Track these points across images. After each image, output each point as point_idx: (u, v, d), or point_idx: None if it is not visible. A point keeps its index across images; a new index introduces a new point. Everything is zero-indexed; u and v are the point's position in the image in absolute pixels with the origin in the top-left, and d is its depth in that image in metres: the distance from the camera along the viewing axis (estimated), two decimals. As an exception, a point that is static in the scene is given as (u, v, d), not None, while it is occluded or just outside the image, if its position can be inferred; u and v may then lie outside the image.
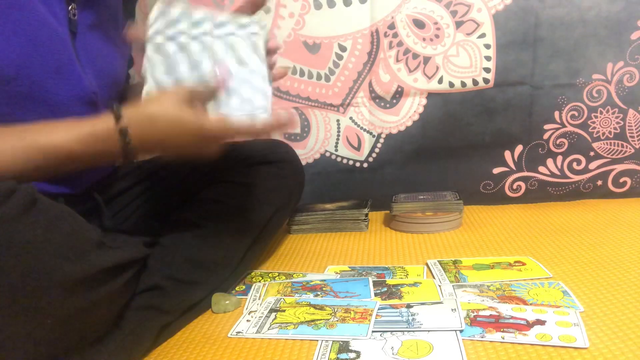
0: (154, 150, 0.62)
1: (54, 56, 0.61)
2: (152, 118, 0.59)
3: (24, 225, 0.45)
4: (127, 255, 0.59)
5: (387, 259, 0.92)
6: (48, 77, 0.60)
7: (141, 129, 0.59)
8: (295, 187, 0.96)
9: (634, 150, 1.17)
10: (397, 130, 1.22)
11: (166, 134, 0.60)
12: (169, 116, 0.59)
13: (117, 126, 0.57)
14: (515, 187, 1.23)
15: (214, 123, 0.62)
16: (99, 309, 0.54)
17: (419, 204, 1.10)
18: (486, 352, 0.56)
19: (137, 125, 0.58)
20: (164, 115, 0.59)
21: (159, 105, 0.60)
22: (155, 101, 0.61)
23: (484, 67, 1.16)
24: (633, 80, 1.13)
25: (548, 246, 0.91)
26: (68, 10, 0.64)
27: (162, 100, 0.61)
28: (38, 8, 0.59)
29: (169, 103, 0.60)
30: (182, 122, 0.60)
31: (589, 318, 0.62)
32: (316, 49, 1.20)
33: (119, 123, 0.57)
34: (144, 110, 0.60)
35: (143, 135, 0.59)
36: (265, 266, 0.93)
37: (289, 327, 0.65)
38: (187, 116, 0.60)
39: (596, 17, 1.10)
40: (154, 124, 0.59)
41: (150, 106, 0.60)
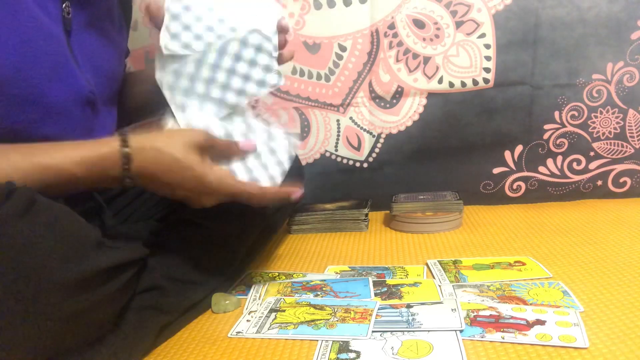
0: (152, 184, 0.62)
1: (49, 56, 0.60)
2: (157, 153, 0.60)
3: (23, 225, 0.45)
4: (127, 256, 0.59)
5: (387, 259, 0.92)
6: (44, 77, 0.60)
7: (144, 161, 0.59)
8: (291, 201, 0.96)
9: (634, 150, 1.17)
10: (397, 130, 1.22)
11: (166, 173, 0.60)
12: (174, 156, 0.60)
13: (121, 151, 0.58)
14: (515, 187, 1.23)
15: (216, 178, 0.63)
16: (98, 309, 0.53)
17: (419, 204, 1.10)
18: (486, 352, 0.56)
19: (141, 156, 0.59)
20: (170, 154, 0.60)
21: (169, 142, 0.61)
22: (165, 137, 0.62)
23: (484, 67, 1.16)
24: (633, 80, 1.13)
25: (548, 246, 0.91)
26: (62, 9, 0.64)
27: (173, 139, 0.61)
28: (31, 7, 0.59)
29: (179, 144, 0.61)
30: (184, 166, 0.60)
31: (589, 318, 0.62)
32: (316, 49, 1.20)
33: (123, 149, 0.58)
34: (152, 143, 0.60)
35: (144, 167, 0.59)
36: (265, 266, 0.93)
37: (289, 327, 0.65)
38: (192, 163, 0.61)
39: (596, 17, 1.10)
40: (157, 159, 0.60)
41: (159, 141, 0.61)
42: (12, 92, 0.57)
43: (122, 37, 0.80)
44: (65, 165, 0.55)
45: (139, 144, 0.59)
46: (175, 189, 0.63)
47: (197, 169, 0.61)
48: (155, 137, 0.61)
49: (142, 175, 0.59)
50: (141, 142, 0.59)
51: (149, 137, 0.61)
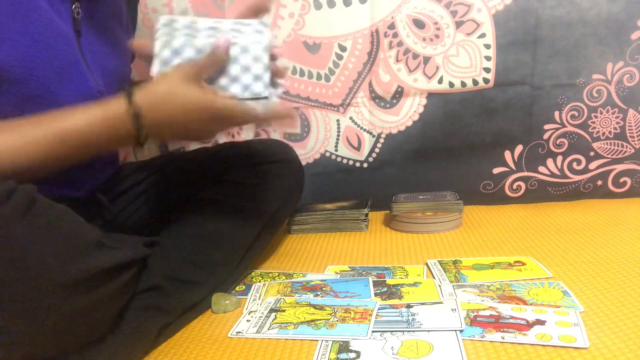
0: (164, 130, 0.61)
1: (60, 56, 0.61)
2: (161, 97, 0.59)
3: (23, 225, 0.45)
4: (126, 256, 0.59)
5: (387, 259, 0.92)
6: (54, 77, 0.60)
7: (153, 109, 0.59)
8: (295, 187, 0.96)
9: (634, 150, 1.17)
10: (397, 130, 1.23)
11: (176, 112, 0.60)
12: (178, 94, 0.60)
13: (130, 107, 0.57)
14: (515, 187, 1.23)
15: (224, 101, 0.62)
16: (98, 309, 0.54)
17: (419, 204, 1.10)
18: (486, 352, 0.56)
19: (149, 106, 0.58)
20: (174, 94, 0.60)
21: (167, 84, 0.60)
22: (162, 81, 0.61)
23: (484, 67, 1.16)
24: (633, 80, 1.13)
25: (548, 246, 0.91)
26: (72, 9, 0.64)
27: (169, 80, 0.61)
28: (43, 8, 0.59)
29: (176, 81, 0.60)
30: (191, 99, 0.60)
31: (589, 318, 0.62)
32: (316, 49, 1.20)
33: (131, 104, 0.57)
34: (154, 90, 0.60)
35: (155, 115, 0.59)
36: (265, 266, 0.93)
37: (289, 327, 0.65)
38: (196, 94, 0.60)
39: (596, 17, 1.10)
40: (164, 103, 0.59)
41: (159, 86, 0.60)
42: (22, 91, 0.57)
43: (129, 38, 0.81)
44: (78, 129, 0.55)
45: (143, 98, 0.58)
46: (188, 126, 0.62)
47: (203, 97, 0.61)
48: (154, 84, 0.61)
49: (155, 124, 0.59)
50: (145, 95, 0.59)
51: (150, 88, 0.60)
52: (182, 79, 0.60)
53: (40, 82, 0.59)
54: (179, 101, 0.60)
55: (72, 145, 0.55)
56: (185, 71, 0.61)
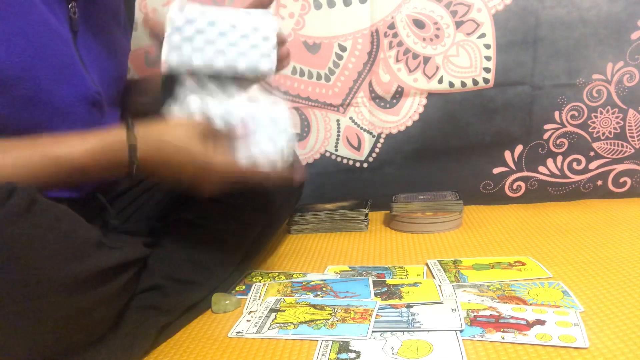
0: (156, 172, 0.63)
1: (56, 57, 0.61)
2: (161, 142, 0.60)
3: (24, 226, 0.45)
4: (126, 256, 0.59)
5: (387, 259, 0.92)
6: (51, 78, 0.60)
7: (148, 150, 0.59)
8: (295, 187, 0.96)
9: (634, 150, 1.17)
10: (397, 130, 1.22)
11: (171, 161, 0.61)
12: (178, 145, 0.61)
13: (127, 142, 0.58)
14: (515, 187, 1.23)
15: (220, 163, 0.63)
16: (98, 309, 0.54)
17: (419, 204, 1.10)
18: (486, 352, 0.56)
19: (146, 145, 0.59)
20: (175, 144, 0.61)
21: (173, 132, 0.61)
22: (169, 127, 0.62)
23: (484, 67, 1.16)
24: (633, 80, 1.13)
25: (548, 246, 0.91)
26: (68, 9, 0.64)
27: (176, 129, 0.62)
28: (39, 8, 0.59)
29: (182, 133, 0.61)
30: (189, 153, 0.61)
31: (589, 318, 0.62)
32: (316, 49, 1.20)
33: (129, 139, 0.58)
34: (156, 132, 0.61)
35: (149, 156, 0.60)
36: (265, 266, 0.93)
37: (289, 327, 0.65)
38: (196, 150, 0.61)
39: (596, 17, 1.10)
40: (161, 148, 0.60)
41: (162, 130, 0.61)
42: (19, 92, 0.57)
43: (126, 38, 0.81)
44: (73, 156, 0.56)
45: (143, 133, 0.59)
46: (181, 176, 0.63)
47: (200, 155, 0.61)
48: (159, 127, 0.62)
49: (147, 163, 0.60)
50: (146, 131, 0.60)
51: (153, 128, 0.61)
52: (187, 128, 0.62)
53: (36, 83, 0.58)
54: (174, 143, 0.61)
55: (65, 171, 0.56)
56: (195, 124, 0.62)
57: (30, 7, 0.58)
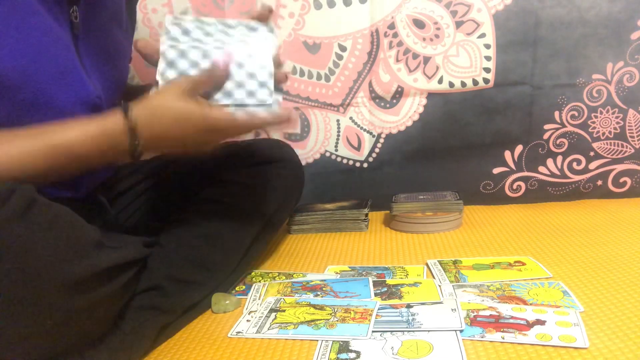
0: (160, 145, 0.62)
1: (58, 61, 0.60)
2: (157, 112, 0.60)
3: (23, 226, 0.45)
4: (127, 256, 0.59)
5: (387, 259, 0.92)
6: (52, 83, 0.60)
7: (148, 124, 0.59)
8: (295, 187, 0.96)
9: (634, 150, 1.17)
10: (397, 130, 1.22)
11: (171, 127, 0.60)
12: (173, 109, 0.60)
13: (126, 122, 0.58)
14: (515, 187, 1.23)
15: (218, 114, 0.62)
16: (99, 309, 0.54)
17: (419, 204, 1.10)
18: (486, 352, 0.56)
19: (144, 121, 0.59)
20: (169, 108, 0.60)
21: (163, 98, 0.61)
22: (158, 95, 0.61)
23: (484, 67, 1.16)
24: (633, 80, 1.13)
25: (548, 246, 0.91)
26: (70, 13, 0.64)
27: (165, 94, 0.61)
28: (40, 12, 0.59)
29: (172, 96, 0.60)
30: (186, 113, 0.60)
31: (589, 318, 0.62)
32: (316, 49, 1.20)
33: (127, 119, 0.58)
34: (149, 104, 0.60)
35: (150, 130, 0.59)
36: (265, 266, 0.93)
37: (289, 327, 0.65)
38: (191, 108, 0.60)
39: (596, 17, 1.10)
40: (159, 118, 0.60)
41: (154, 100, 0.61)
42: (20, 97, 0.57)
43: (128, 41, 0.81)
44: (74, 143, 0.56)
45: (139, 112, 0.59)
46: (184, 140, 0.62)
47: (198, 111, 0.61)
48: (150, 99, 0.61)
49: (150, 138, 0.59)
50: (141, 109, 0.59)
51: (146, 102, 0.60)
52: (177, 93, 0.61)
53: (37, 87, 0.58)
54: (174, 114, 0.60)
55: (67, 158, 0.56)
56: (181, 86, 0.62)
57: (31, 11, 0.58)
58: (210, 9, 1.20)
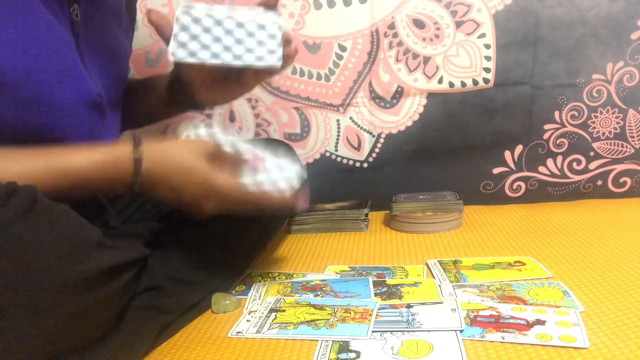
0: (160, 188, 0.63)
1: (58, 59, 0.60)
2: (167, 159, 0.61)
3: (25, 226, 0.45)
4: (127, 256, 0.59)
5: (387, 259, 0.92)
6: (53, 81, 0.60)
7: (153, 165, 0.60)
8: None
9: (634, 150, 1.17)
10: (397, 130, 1.23)
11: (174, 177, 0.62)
12: (183, 158, 0.61)
13: (132, 156, 0.59)
14: (515, 187, 1.23)
15: (224, 184, 0.63)
16: (99, 309, 0.54)
17: (419, 204, 1.10)
18: (486, 352, 0.56)
19: (150, 160, 0.60)
20: (180, 162, 0.61)
21: (180, 150, 0.62)
22: (176, 144, 0.63)
23: (484, 67, 1.16)
24: (633, 80, 1.13)
25: (548, 246, 0.91)
26: (70, 12, 0.64)
27: (183, 146, 0.63)
28: (40, 10, 0.59)
29: (189, 152, 0.62)
30: (193, 167, 0.62)
31: (589, 318, 0.62)
32: (316, 49, 1.20)
33: (135, 153, 0.59)
34: (163, 149, 0.61)
35: (153, 171, 0.60)
36: (265, 266, 0.93)
37: (289, 327, 0.65)
38: (200, 165, 0.62)
39: (596, 17, 1.10)
40: (166, 165, 0.61)
41: (169, 147, 0.62)
42: (21, 95, 0.57)
43: (128, 40, 0.81)
44: (79, 168, 0.56)
45: (149, 148, 0.60)
46: (183, 194, 0.63)
47: (205, 174, 0.62)
48: (166, 143, 0.63)
49: (151, 179, 0.60)
50: (152, 147, 0.60)
51: (159, 143, 0.62)
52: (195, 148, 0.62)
53: (39, 85, 0.58)
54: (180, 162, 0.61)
55: (69, 183, 0.56)
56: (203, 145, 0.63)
57: (32, 10, 0.58)
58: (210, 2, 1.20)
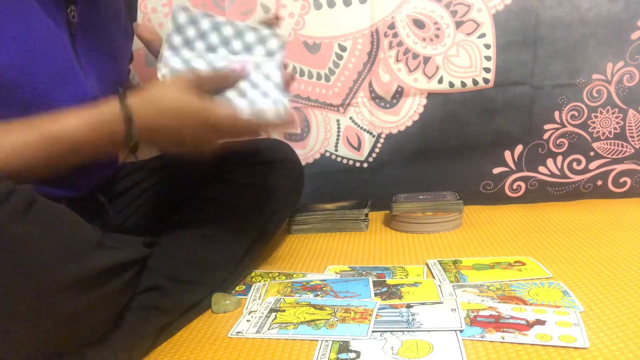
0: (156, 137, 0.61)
1: (55, 60, 0.60)
2: (155, 101, 0.59)
3: (23, 225, 0.45)
4: (126, 256, 0.59)
5: (387, 259, 0.92)
6: (50, 82, 0.60)
7: (145, 113, 0.58)
8: (295, 187, 0.96)
9: (634, 150, 1.17)
10: (397, 130, 1.22)
11: (169, 119, 0.59)
12: (171, 99, 0.59)
13: (122, 109, 0.57)
14: (515, 187, 1.23)
15: (220, 110, 0.61)
16: (99, 310, 0.54)
17: (419, 204, 1.10)
18: (486, 352, 0.56)
19: (141, 109, 0.58)
20: (166, 98, 0.59)
21: (164, 89, 0.60)
22: (160, 85, 0.61)
23: (484, 67, 1.16)
24: (633, 80, 1.13)
25: (548, 246, 0.91)
26: (67, 13, 0.64)
27: (167, 85, 0.60)
28: (37, 12, 0.59)
29: (174, 87, 0.60)
30: (183, 104, 0.59)
31: (589, 318, 0.62)
32: (316, 49, 1.20)
33: (123, 106, 0.57)
34: (149, 93, 0.59)
35: (146, 119, 0.58)
36: (265, 266, 0.93)
37: (289, 327, 0.65)
38: (190, 99, 0.59)
39: (596, 17, 1.10)
40: (157, 108, 0.59)
41: (154, 90, 0.60)
42: (18, 96, 0.57)
43: (127, 41, 0.80)
44: (72, 131, 0.55)
45: (137, 99, 0.58)
46: (181, 134, 0.61)
47: (198, 105, 0.60)
48: (151, 90, 0.60)
49: (145, 127, 0.58)
50: (139, 97, 0.58)
51: (145, 92, 0.60)
52: (179, 85, 0.60)
53: (35, 87, 0.58)
54: (170, 104, 0.59)
55: (64, 147, 0.55)
56: (185, 78, 0.61)
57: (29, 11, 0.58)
58: (210, 8, 1.20)
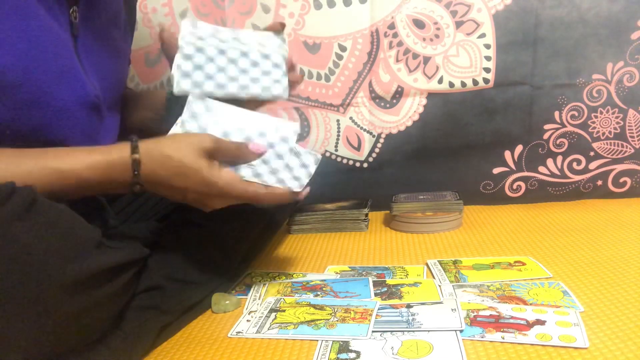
0: (161, 188, 0.62)
1: (57, 61, 0.61)
2: (165, 158, 0.60)
3: (24, 226, 0.45)
4: (126, 256, 0.59)
5: (387, 259, 0.92)
6: (51, 82, 0.60)
7: (152, 166, 0.59)
8: None
9: (634, 150, 1.17)
10: (397, 130, 1.22)
11: (175, 177, 0.61)
12: (182, 161, 0.60)
13: (131, 157, 0.58)
14: (515, 187, 1.23)
15: (225, 181, 0.63)
16: (99, 310, 0.54)
17: (419, 204, 1.10)
18: (486, 352, 0.56)
19: (150, 161, 0.59)
20: (178, 159, 0.60)
21: (177, 148, 0.61)
22: (174, 143, 0.62)
23: (484, 67, 1.16)
24: (633, 80, 1.13)
25: (548, 246, 0.91)
26: (69, 14, 0.64)
27: (181, 144, 0.62)
28: (39, 12, 0.59)
29: (187, 148, 0.61)
30: (193, 170, 0.61)
31: (589, 318, 0.62)
32: (316, 49, 1.20)
33: (133, 154, 0.58)
34: (161, 148, 0.61)
35: (153, 172, 0.60)
36: (265, 266, 0.93)
37: (289, 327, 0.65)
38: (200, 167, 0.61)
39: (596, 17, 1.10)
40: (165, 164, 0.60)
41: (167, 146, 0.61)
42: (20, 96, 0.57)
43: (127, 43, 0.81)
44: (77, 170, 0.56)
45: (147, 149, 0.59)
46: (185, 193, 0.63)
47: (205, 172, 0.62)
48: (164, 142, 0.62)
49: (151, 180, 0.60)
50: (150, 148, 0.60)
51: (157, 143, 0.61)
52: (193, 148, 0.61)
53: (36, 87, 0.58)
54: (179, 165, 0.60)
55: (67, 185, 0.56)
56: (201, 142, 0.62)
57: (31, 11, 0.58)
58: (210, 8, 1.20)
